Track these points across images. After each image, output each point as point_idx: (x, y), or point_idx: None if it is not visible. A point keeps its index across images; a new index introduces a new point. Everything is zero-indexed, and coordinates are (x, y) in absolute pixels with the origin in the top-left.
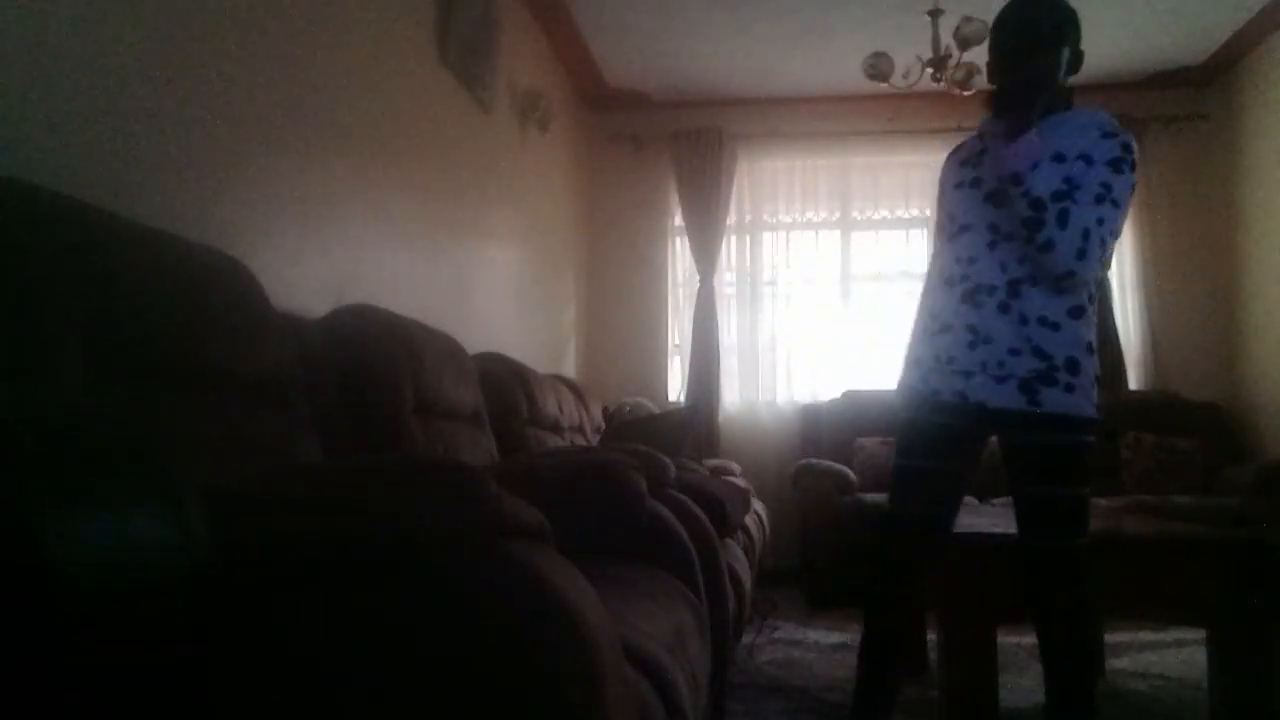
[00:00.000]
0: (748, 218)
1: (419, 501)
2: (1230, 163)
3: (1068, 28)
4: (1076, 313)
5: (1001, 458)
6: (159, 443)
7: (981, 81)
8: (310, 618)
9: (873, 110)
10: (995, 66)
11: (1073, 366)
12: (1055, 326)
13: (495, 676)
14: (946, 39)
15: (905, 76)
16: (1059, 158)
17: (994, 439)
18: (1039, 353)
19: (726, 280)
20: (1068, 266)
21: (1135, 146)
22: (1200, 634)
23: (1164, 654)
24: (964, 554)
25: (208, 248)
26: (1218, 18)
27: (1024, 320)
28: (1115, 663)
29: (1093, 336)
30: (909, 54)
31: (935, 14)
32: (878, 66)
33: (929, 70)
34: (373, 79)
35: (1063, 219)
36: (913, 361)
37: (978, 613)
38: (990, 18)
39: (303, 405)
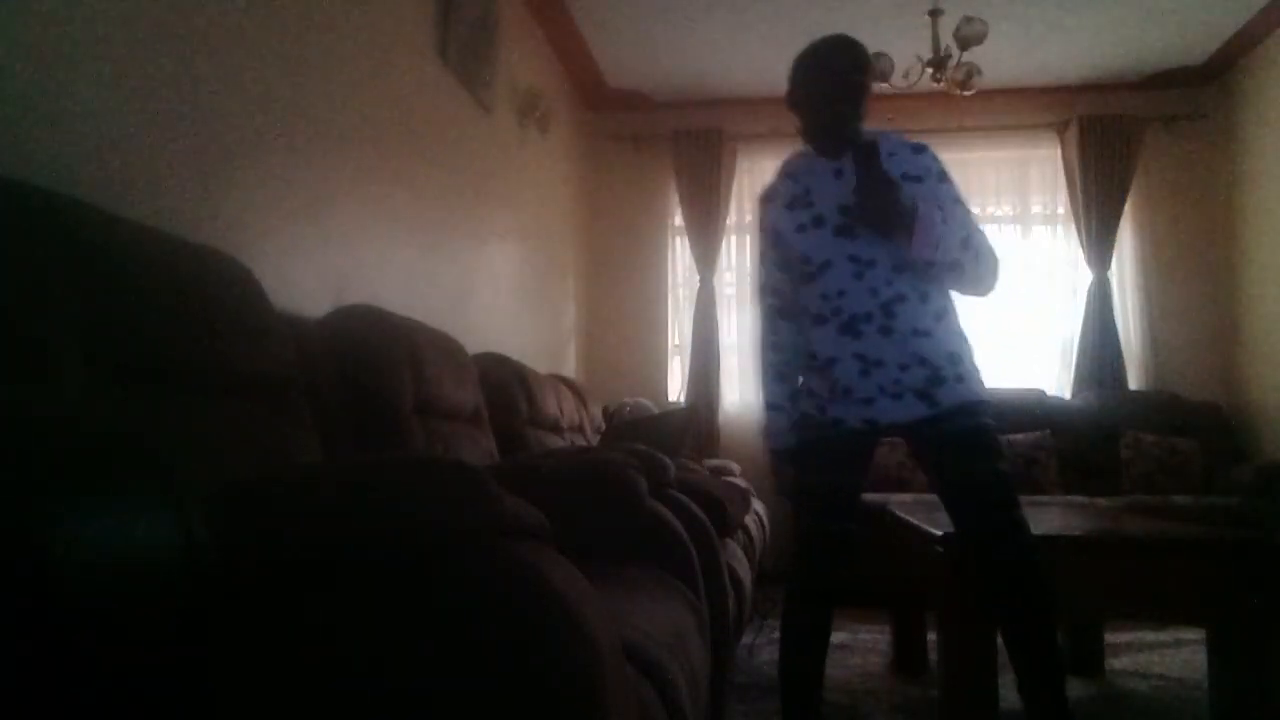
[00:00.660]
0: (748, 218)
1: (419, 501)
2: (1230, 162)
3: (869, 76)
4: (940, 315)
5: (917, 461)
6: (159, 443)
7: (982, 81)
8: (310, 618)
9: (873, 110)
10: (809, 107)
11: (954, 360)
12: (928, 334)
13: (496, 676)
14: (946, 39)
15: (905, 76)
16: None
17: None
18: (923, 362)
19: (726, 280)
20: (990, 286)
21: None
22: (1200, 634)
23: (1164, 654)
24: (964, 554)
25: (208, 248)
26: (1218, 18)
27: (905, 337)
28: (1115, 663)
29: (960, 327)
30: (909, 54)
31: (935, 14)
32: (877, 66)
33: (929, 70)
34: (373, 79)
35: (977, 258)
36: (804, 393)
37: (978, 613)
38: (990, 18)
39: (303, 405)
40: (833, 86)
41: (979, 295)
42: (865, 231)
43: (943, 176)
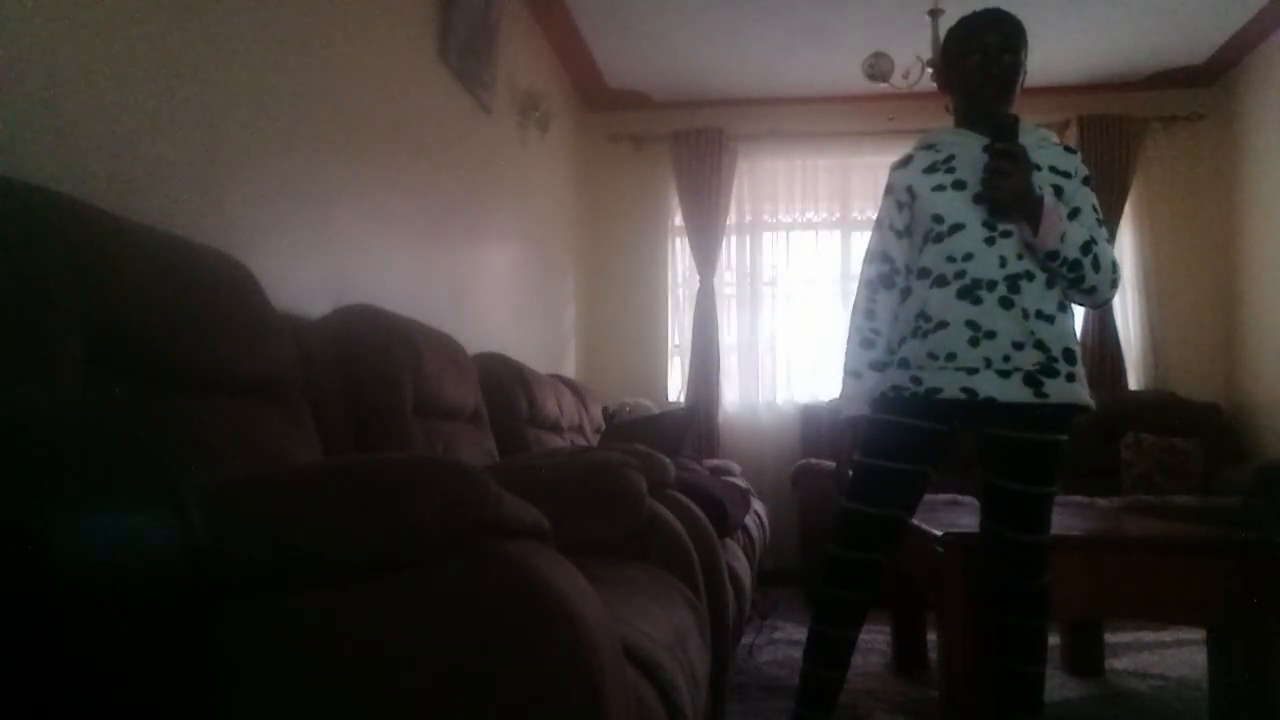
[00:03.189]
0: (748, 218)
1: (419, 501)
2: (1230, 163)
3: (1024, 41)
4: (1064, 305)
5: (980, 450)
6: (159, 443)
7: None
8: (310, 617)
9: (873, 110)
10: (962, 87)
11: (1070, 357)
12: (1050, 319)
13: (495, 676)
14: None
15: (905, 76)
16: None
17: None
18: (1040, 345)
19: (726, 280)
20: (1106, 297)
21: None
22: (1200, 634)
23: (1164, 654)
24: (964, 554)
25: (208, 248)
26: (1218, 18)
27: (1025, 314)
28: (1115, 663)
29: (1074, 327)
30: (909, 54)
31: (935, 14)
32: (878, 66)
33: (929, 70)
34: (373, 79)
35: (1096, 264)
36: (896, 364)
37: (978, 613)
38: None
39: (303, 405)
40: (984, 65)
41: (1092, 304)
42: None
43: (1086, 180)
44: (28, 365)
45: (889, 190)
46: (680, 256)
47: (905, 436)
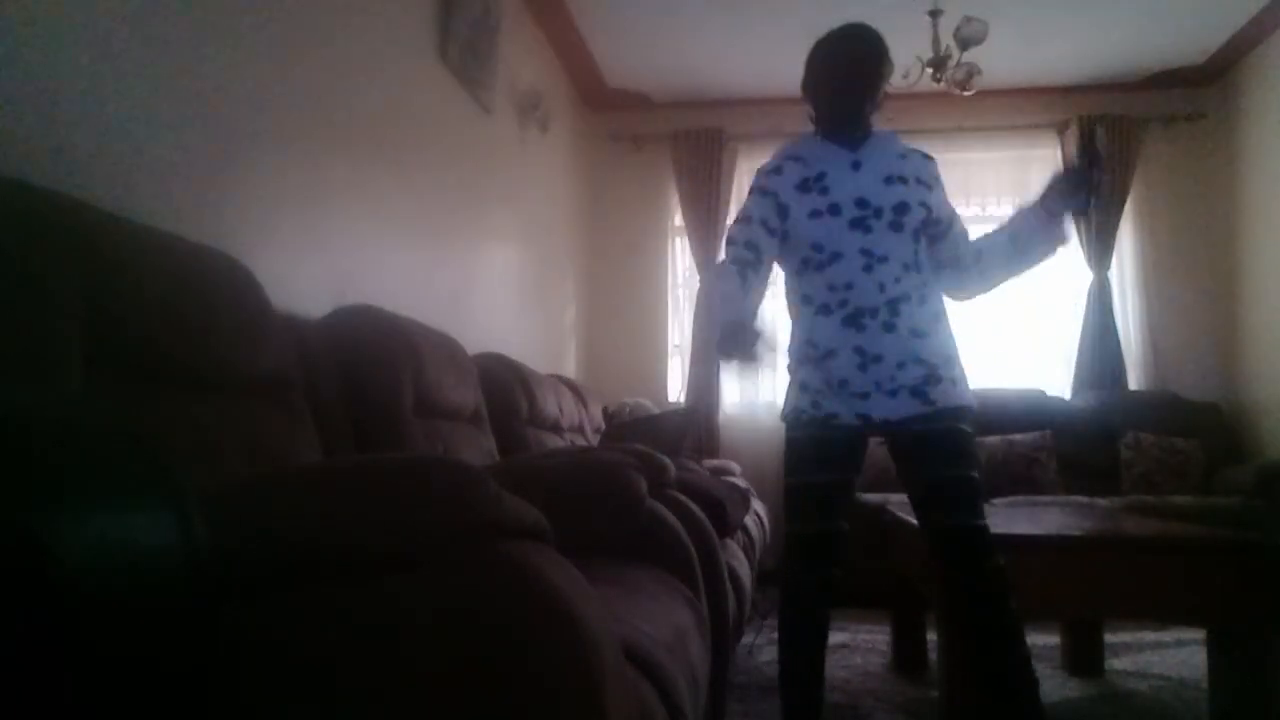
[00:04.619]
0: None
1: (419, 501)
2: (1230, 163)
3: (885, 52)
4: (937, 317)
5: (893, 456)
6: (159, 443)
7: (982, 81)
8: (310, 618)
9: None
10: (825, 95)
11: (949, 363)
12: (925, 335)
13: (495, 677)
14: (946, 39)
15: (905, 76)
16: (895, 179)
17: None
18: (919, 361)
19: None
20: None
21: None
22: (1200, 634)
23: (1164, 654)
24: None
25: (208, 248)
26: (1218, 18)
27: (906, 335)
28: (1115, 663)
29: (952, 332)
30: (909, 54)
31: (935, 14)
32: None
33: (929, 70)
34: (373, 79)
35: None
36: (797, 386)
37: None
38: (990, 18)
39: (303, 405)
40: (850, 75)
41: (987, 291)
42: (878, 226)
43: (943, 187)
44: (28, 365)
45: (764, 191)
46: (680, 256)
47: (819, 447)
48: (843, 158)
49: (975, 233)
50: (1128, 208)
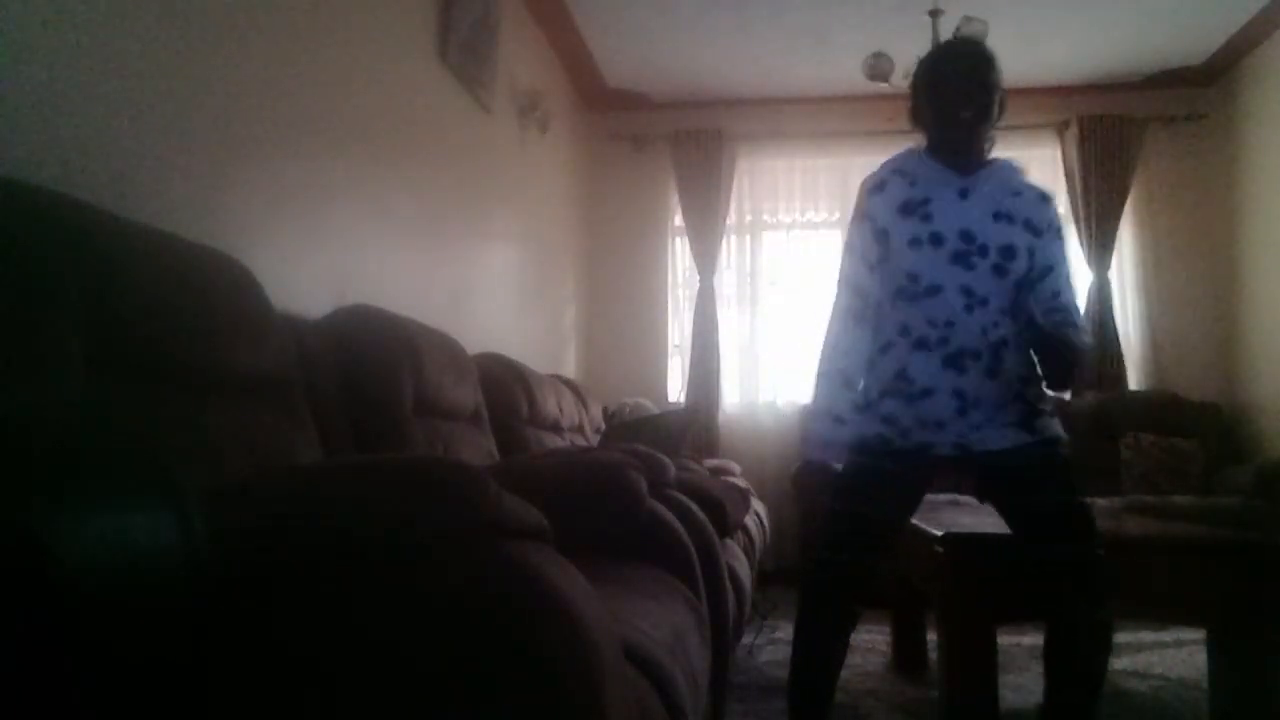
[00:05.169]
0: (748, 218)
1: (419, 501)
2: (1230, 163)
3: (999, 75)
4: (1032, 363)
5: (990, 491)
6: (159, 443)
7: None
8: (310, 618)
9: (873, 110)
10: (937, 123)
11: (1043, 399)
12: (1025, 380)
13: (495, 676)
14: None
15: (905, 76)
16: (1005, 217)
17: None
18: (1020, 398)
19: (726, 280)
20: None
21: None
22: (1200, 634)
23: (1164, 654)
24: (964, 554)
25: (208, 248)
26: (1218, 18)
27: (1008, 381)
28: (1115, 663)
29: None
30: (909, 54)
31: (935, 14)
32: (878, 66)
33: None
34: (373, 79)
35: (1085, 328)
36: (879, 417)
37: (978, 613)
38: (990, 18)
39: (303, 405)
40: (958, 96)
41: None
42: (982, 265)
43: (1059, 233)
44: (28, 365)
45: (864, 217)
46: (680, 256)
47: (887, 485)
48: (951, 184)
49: None
50: (1128, 208)
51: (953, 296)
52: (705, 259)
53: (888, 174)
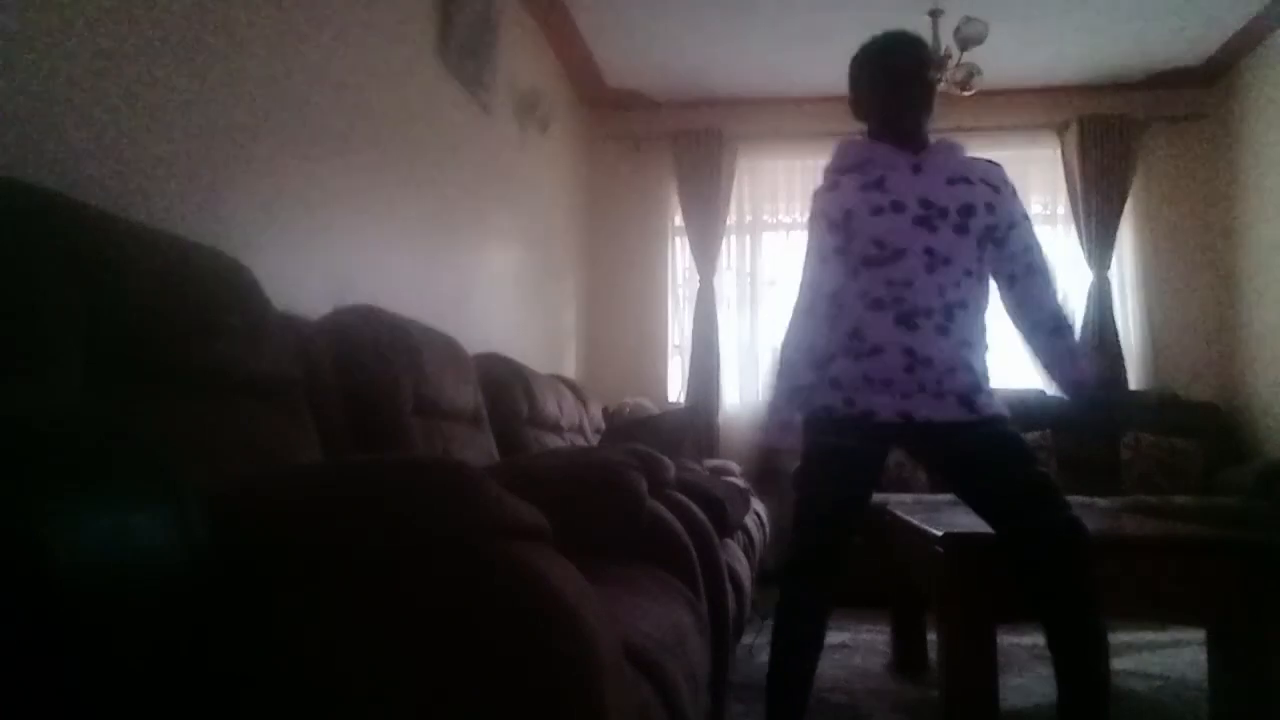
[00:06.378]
0: (748, 218)
1: (419, 501)
2: (1230, 163)
3: (932, 69)
4: (982, 331)
5: (944, 473)
6: (159, 443)
7: (981, 82)
8: (310, 618)
9: None
10: (879, 110)
11: (987, 378)
12: (972, 346)
13: (495, 677)
14: (946, 39)
15: None
16: (960, 180)
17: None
18: (968, 368)
19: (726, 280)
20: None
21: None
22: (1200, 634)
23: (1164, 654)
24: (964, 554)
25: (208, 248)
26: (1218, 18)
27: (956, 343)
28: (1115, 663)
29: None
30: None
31: (935, 14)
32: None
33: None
34: (373, 79)
35: (1056, 287)
36: (826, 385)
37: (978, 613)
38: (990, 18)
39: (303, 405)
40: (904, 87)
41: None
42: (943, 226)
43: (1015, 194)
44: (27, 365)
45: (819, 215)
46: (680, 256)
47: (840, 461)
48: (904, 161)
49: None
50: (1128, 208)
51: (915, 259)
52: (705, 259)
53: (838, 176)
